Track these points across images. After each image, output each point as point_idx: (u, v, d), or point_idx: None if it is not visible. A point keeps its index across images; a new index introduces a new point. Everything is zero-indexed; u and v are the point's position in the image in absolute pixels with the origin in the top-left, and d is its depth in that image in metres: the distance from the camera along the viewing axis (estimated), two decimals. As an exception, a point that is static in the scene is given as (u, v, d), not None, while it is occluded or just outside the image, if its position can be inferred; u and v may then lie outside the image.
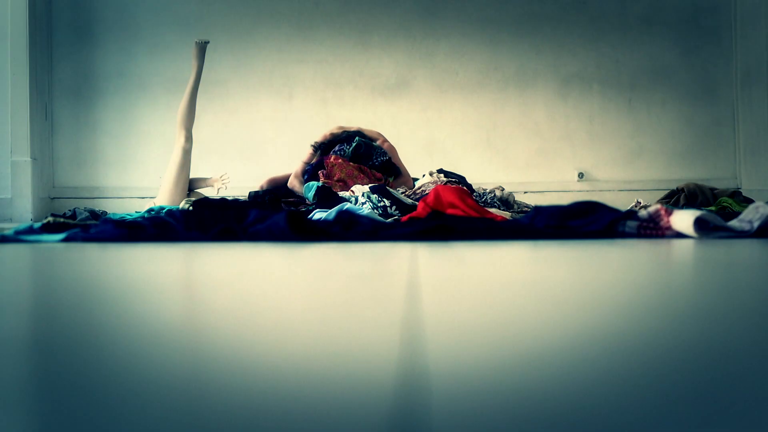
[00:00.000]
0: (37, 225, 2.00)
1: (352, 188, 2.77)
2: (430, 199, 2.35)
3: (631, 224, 1.71)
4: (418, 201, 2.56)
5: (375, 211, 2.42)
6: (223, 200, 2.66)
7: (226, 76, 4.66)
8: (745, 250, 1.31)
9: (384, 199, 2.53)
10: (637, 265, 1.10)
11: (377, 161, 3.31)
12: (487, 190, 3.02)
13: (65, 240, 1.81)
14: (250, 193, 3.25)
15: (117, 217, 2.40)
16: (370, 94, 4.75)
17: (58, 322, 0.61)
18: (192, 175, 3.55)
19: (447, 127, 4.74)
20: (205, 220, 1.87)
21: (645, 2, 4.72)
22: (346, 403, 0.35)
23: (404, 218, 2.21)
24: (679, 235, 1.64)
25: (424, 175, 3.20)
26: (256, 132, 4.64)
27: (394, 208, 2.50)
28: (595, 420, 0.33)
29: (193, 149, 3.48)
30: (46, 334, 0.57)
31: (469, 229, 1.78)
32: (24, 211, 4.22)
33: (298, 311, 0.65)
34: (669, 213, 1.70)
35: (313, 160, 3.32)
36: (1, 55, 4.31)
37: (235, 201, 2.81)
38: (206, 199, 2.71)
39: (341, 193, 2.77)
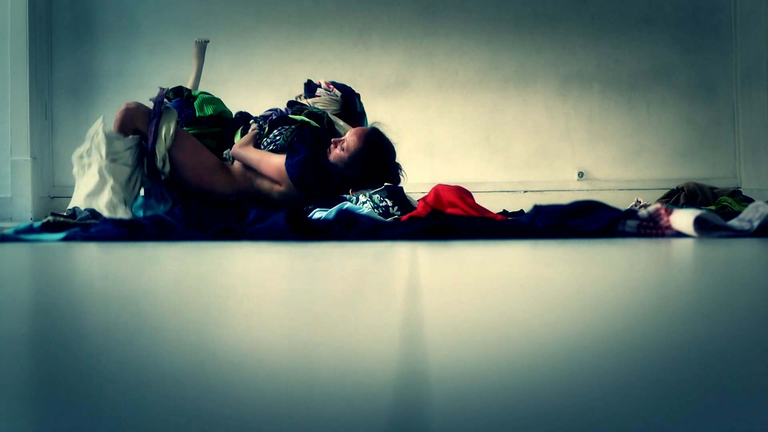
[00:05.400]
0: (37, 224, 1.99)
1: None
2: (430, 198, 2.36)
3: (631, 223, 1.71)
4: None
5: (375, 210, 2.42)
6: (222, 199, 2.66)
7: (226, 75, 4.66)
8: (745, 249, 1.31)
9: (386, 200, 2.52)
10: (637, 265, 1.10)
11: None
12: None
13: (65, 239, 1.81)
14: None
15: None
16: (369, 93, 4.75)
17: (58, 322, 0.61)
18: None
19: (447, 127, 4.74)
20: (204, 219, 1.87)
21: (645, 2, 4.72)
22: (346, 402, 0.35)
23: (404, 217, 2.21)
24: (679, 235, 1.64)
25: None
26: (256, 131, 4.64)
27: (395, 208, 2.50)
28: (595, 420, 0.33)
29: (193, 148, 3.47)
30: (46, 333, 0.57)
31: (468, 229, 1.78)
32: (24, 210, 4.22)
33: (298, 310, 0.65)
34: (669, 212, 1.70)
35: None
36: (1, 54, 4.31)
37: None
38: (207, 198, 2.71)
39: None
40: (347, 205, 2.35)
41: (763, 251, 1.29)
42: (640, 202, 3.07)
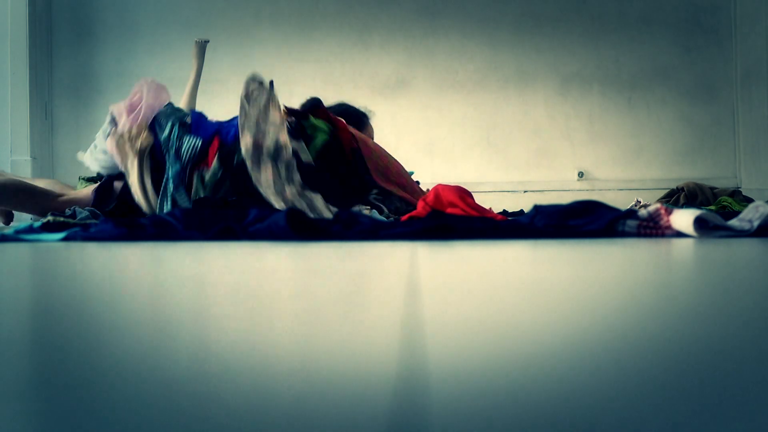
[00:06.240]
0: (37, 224, 2.00)
1: None
2: (430, 198, 2.35)
3: (631, 223, 1.71)
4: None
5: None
6: (223, 200, 2.66)
7: (226, 75, 4.66)
8: (745, 249, 1.31)
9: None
10: (637, 265, 1.10)
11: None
12: None
13: (65, 239, 1.81)
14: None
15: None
16: (369, 93, 4.76)
17: (58, 323, 0.61)
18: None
19: (447, 127, 4.74)
20: (204, 219, 1.88)
21: (645, 2, 4.72)
22: (345, 403, 0.35)
23: (404, 217, 2.21)
24: (679, 235, 1.64)
25: None
26: (256, 131, 4.64)
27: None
28: (596, 420, 0.32)
29: (193, 148, 3.47)
30: (47, 334, 0.57)
31: (469, 229, 1.78)
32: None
33: (297, 310, 0.65)
34: (669, 212, 1.70)
35: None
36: (1, 54, 4.31)
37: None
38: (207, 198, 2.70)
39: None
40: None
41: (763, 251, 1.29)
42: (640, 202, 3.07)
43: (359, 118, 3.02)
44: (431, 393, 0.37)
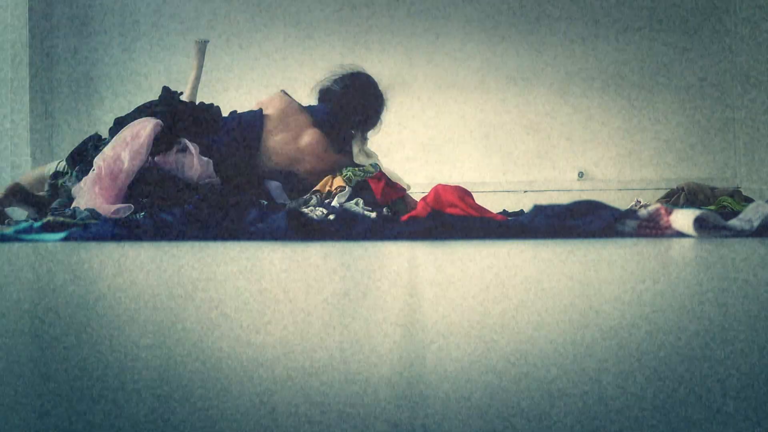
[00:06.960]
0: (37, 224, 2.00)
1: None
2: (430, 198, 2.36)
3: (631, 223, 1.71)
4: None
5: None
6: (223, 200, 2.66)
7: (226, 75, 4.66)
8: (745, 249, 1.31)
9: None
10: (637, 265, 1.10)
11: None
12: None
13: (65, 239, 1.81)
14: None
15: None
16: (370, 93, 4.75)
17: (58, 323, 0.61)
18: None
19: (447, 127, 4.74)
20: (205, 219, 1.88)
21: (645, 2, 4.73)
22: (344, 402, 0.35)
23: (404, 217, 2.21)
24: (679, 235, 1.64)
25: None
26: (256, 131, 4.64)
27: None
28: (595, 419, 0.33)
29: (193, 149, 3.47)
30: (46, 334, 0.57)
31: (468, 229, 1.78)
32: (23, 209, 4.23)
33: (297, 310, 0.65)
34: (669, 212, 1.70)
35: None
36: (1, 54, 4.31)
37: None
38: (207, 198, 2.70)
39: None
40: (347, 204, 2.35)
41: (763, 251, 1.29)
42: (640, 202, 3.07)
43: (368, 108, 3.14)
44: (431, 393, 0.37)
